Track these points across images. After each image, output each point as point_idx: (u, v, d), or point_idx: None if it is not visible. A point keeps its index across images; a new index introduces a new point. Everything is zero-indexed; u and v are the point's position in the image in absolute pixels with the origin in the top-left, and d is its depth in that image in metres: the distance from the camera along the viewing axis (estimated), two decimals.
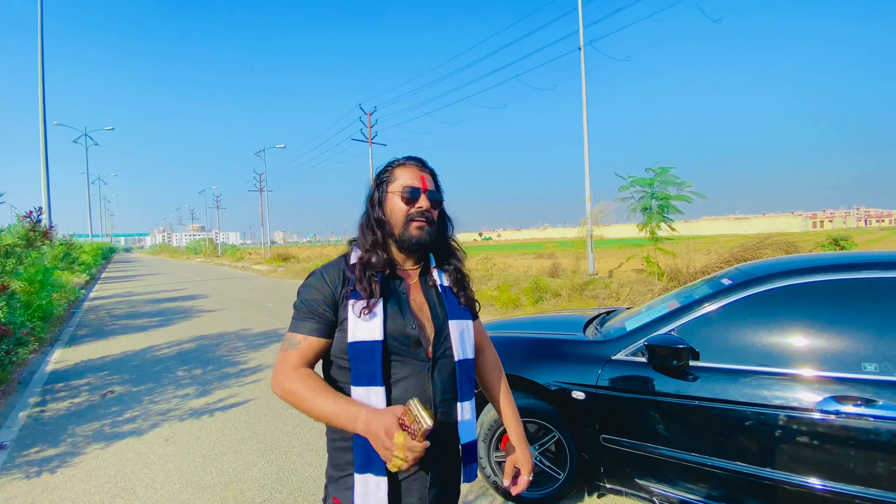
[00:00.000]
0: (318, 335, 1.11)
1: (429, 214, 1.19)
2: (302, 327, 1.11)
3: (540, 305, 8.95)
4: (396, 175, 1.21)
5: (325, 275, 1.15)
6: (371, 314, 1.08)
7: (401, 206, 1.18)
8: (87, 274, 19.03)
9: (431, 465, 1.10)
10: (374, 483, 1.03)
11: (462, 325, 1.20)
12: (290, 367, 1.08)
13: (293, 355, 1.09)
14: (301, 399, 1.04)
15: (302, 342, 1.10)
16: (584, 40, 13.81)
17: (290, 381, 1.06)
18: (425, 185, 1.20)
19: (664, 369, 2.19)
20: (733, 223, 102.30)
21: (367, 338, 1.07)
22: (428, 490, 1.10)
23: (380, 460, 1.00)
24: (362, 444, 1.02)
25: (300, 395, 1.04)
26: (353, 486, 1.05)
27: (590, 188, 13.43)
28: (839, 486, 1.83)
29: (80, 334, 8.13)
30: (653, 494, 2.25)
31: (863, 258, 2.18)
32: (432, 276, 1.24)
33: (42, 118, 12.94)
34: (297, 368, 1.08)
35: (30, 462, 3.32)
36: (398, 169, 1.21)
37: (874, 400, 1.80)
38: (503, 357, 2.81)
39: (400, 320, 1.12)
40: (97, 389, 4.92)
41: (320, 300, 1.12)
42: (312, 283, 1.15)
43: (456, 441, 1.17)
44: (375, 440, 0.95)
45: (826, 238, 12.36)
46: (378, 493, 1.03)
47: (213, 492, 2.86)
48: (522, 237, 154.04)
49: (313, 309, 1.11)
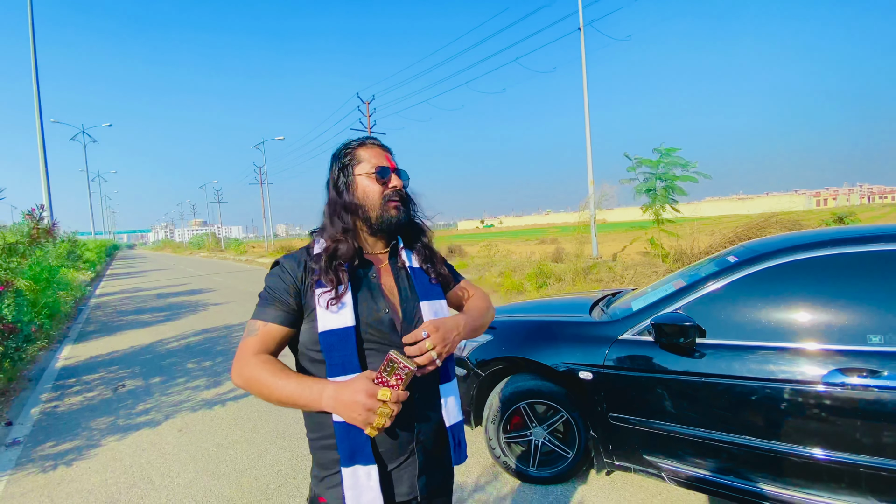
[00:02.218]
0: (278, 322, 1.07)
1: (402, 193, 1.18)
2: (263, 314, 1.08)
3: (544, 290, 8.97)
4: (360, 156, 1.17)
5: (287, 264, 1.12)
6: (340, 304, 1.05)
7: (375, 188, 1.14)
8: (92, 271, 19.13)
9: (419, 451, 1.09)
10: (364, 473, 1.01)
11: (435, 305, 1.17)
12: (249, 354, 1.04)
13: (252, 342, 1.06)
14: (261, 384, 1.00)
15: (262, 328, 1.07)
16: (584, 20, 13.62)
17: (249, 367, 1.02)
18: (392, 163, 1.18)
19: (671, 347, 2.21)
20: (737, 203, 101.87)
21: (339, 325, 1.04)
22: (417, 478, 1.08)
23: (366, 450, 1.00)
24: (346, 437, 1.00)
25: (260, 380, 1.00)
26: (341, 481, 1.02)
27: (592, 171, 13.36)
28: (845, 456, 1.85)
29: (89, 330, 8.21)
30: (661, 470, 2.28)
31: (867, 231, 2.17)
32: (401, 258, 1.21)
33: (38, 116, 12.90)
34: (256, 355, 1.04)
35: (45, 456, 3.38)
36: (360, 150, 1.17)
37: (879, 371, 1.82)
38: (510, 340, 2.85)
39: (372, 305, 1.10)
40: (109, 384, 4.98)
41: (282, 288, 1.09)
42: (275, 272, 1.12)
43: (442, 425, 1.15)
44: (352, 406, 0.93)
45: (830, 215, 12.29)
46: (369, 483, 1.00)
47: (228, 479, 2.91)
48: (524, 223, 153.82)
49: (275, 297, 1.08)
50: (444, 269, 1.28)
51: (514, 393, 2.69)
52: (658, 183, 10.16)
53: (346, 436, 1.00)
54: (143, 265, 30.69)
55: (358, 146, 1.18)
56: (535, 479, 2.66)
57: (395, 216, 1.15)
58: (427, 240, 1.26)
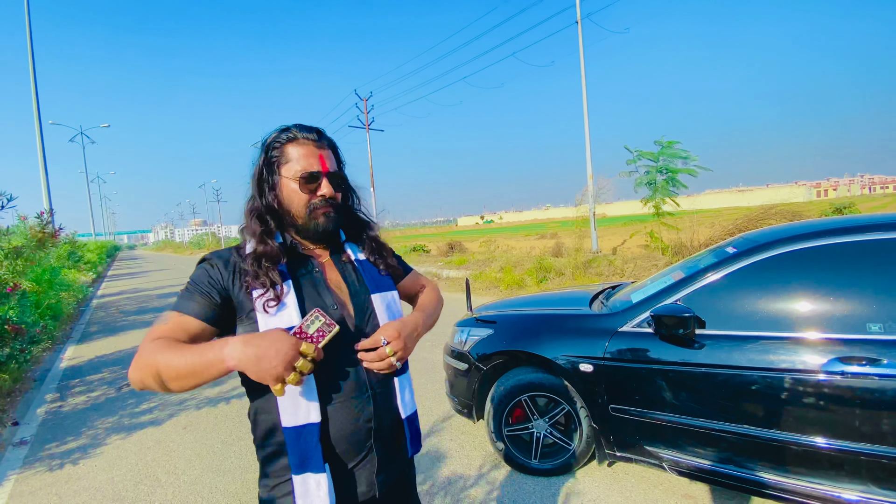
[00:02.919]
0: (195, 315, 0.97)
1: (334, 200, 1.07)
2: (179, 306, 0.98)
3: (544, 285, 8.98)
4: (289, 154, 1.05)
5: (216, 261, 1.03)
6: (281, 304, 0.98)
7: (300, 195, 1.04)
8: (93, 272, 19.17)
9: (377, 449, 1.04)
10: (314, 481, 0.94)
11: (387, 296, 1.12)
12: (146, 341, 0.92)
13: (156, 330, 0.95)
14: (157, 365, 0.88)
15: (174, 318, 0.96)
16: (581, 13, 13.58)
17: (143, 355, 0.90)
18: (325, 165, 1.05)
19: (670, 338, 2.22)
20: (737, 195, 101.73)
21: (284, 325, 0.96)
22: (376, 475, 1.04)
23: (317, 456, 0.95)
24: (297, 443, 0.95)
25: (155, 361, 0.88)
26: (292, 489, 0.96)
27: (591, 165, 13.35)
28: (844, 444, 1.87)
29: (91, 331, 8.24)
30: (662, 460, 2.30)
31: (865, 221, 2.18)
32: (346, 252, 1.15)
33: (37, 119, 12.90)
34: (154, 340, 0.92)
35: (52, 455, 3.41)
36: (290, 147, 1.05)
37: (879, 359, 1.83)
38: (511, 334, 2.87)
39: (318, 302, 1.02)
40: (113, 383, 5.01)
41: (206, 281, 1.00)
42: (202, 267, 1.03)
43: (397, 417, 1.09)
44: (265, 357, 0.85)
45: (830, 207, 12.29)
46: (319, 492, 0.94)
47: (233, 475, 2.94)
48: (524, 219, 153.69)
49: (198, 289, 0.99)
50: (393, 260, 1.22)
51: (515, 386, 2.71)
52: (658, 176, 10.16)
53: (296, 441, 0.95)
54: (144, 265, 30.73)
55: (289, 141, 1.06)
56: (537, 471, 2.68)
57: (324, 224, 1.06)
58: (373, 232, 1.20)
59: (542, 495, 2.52)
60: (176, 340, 0.93)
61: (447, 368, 3.23)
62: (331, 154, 1.09)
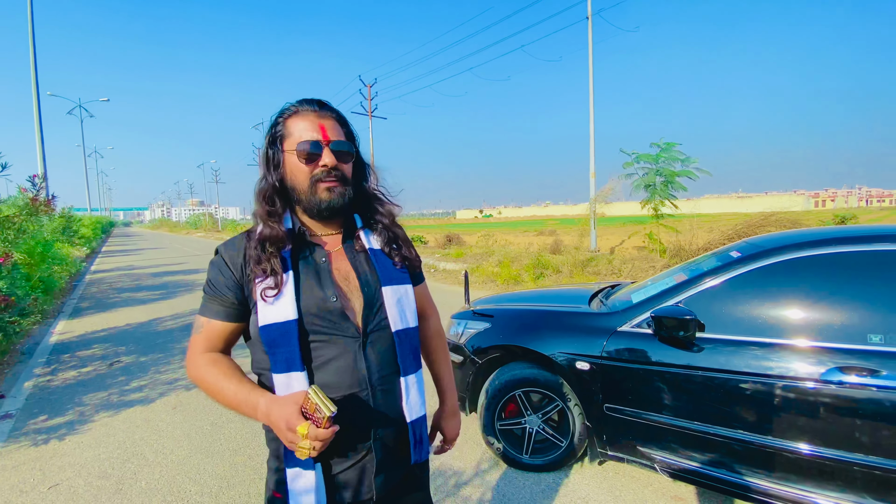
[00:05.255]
0: (220, 319, 1.01)
1: (338, 171, 1.01)
2: (205, 310, 1.03)
3: (541, 281, 8.97)
4: (290, 128, 1.01)
5: (227, 254, 1.03)
6: (278, 294, 0.95)
7: (301, 167, 1.00)
8: (87, 247, 19.04)
9: (377, 449, 1.00)
10: (305, 477, 0.94)
11: (399, 290, 1.06)
12: (196, 353, 1.02)
13: (198, 340, 1.02)
14: (207, 386, 0.98)
15: (205, 325, 1.02)
16: (593, 9, 13.45)
17: (195, 367, 1.01)
18: (327, 135, 1.00)
19: (670, 340, 2.20)
20: (736, 201, 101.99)
21: (279, 318, 0.94)
22: (375, 476, 1.00)
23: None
24: None
25: (206, 381, 0.98)
26: (285, 479, 0.97)
27: (594, 164, 13.30)
28: (839, 454, 1.86)
29: (83, 307, 8.18)
30: (654, 461, 2.29)
31: (872, 231, 2.16)
32: (360, 240, 1.08)
33: (35, 89, 12.71)
34: (202, 354, 1.01)
35: (37, 430, 3.37)
36: (290, 120, 1.02)
37: (878, 370, 1.82)
38: (508, 329, 2.84)
39: (318, 293, 0.99)
40: (103, 359, 4.97)
41: (221, 282, 1.01)
42: (215, 263, 1.04)
43: (402, 420, 1.04)
44: (278, 432, 0.88)
45: (832, 216, 12.31)
46: (307, 487, 0.94)
47: (221, 457, 2.92)
48: (524, 214, 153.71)
49: (215, 292, 1.02)
50: (411, 251, 1.15)
51: (509, 381, 2.69)
52: (657, 178, 10.14)
53: None
54: (139, 243, 30.56)
55: (290, 114, 1.02)
56: (528, 466, 2.67)
57: (327, 199, 1.00)
58: (388, 219, 1.12)
59: (531, 491, 2.51)
60: (220, 354, 1.04)
61: None
62: (336, 125, 1.04)
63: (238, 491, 2.56)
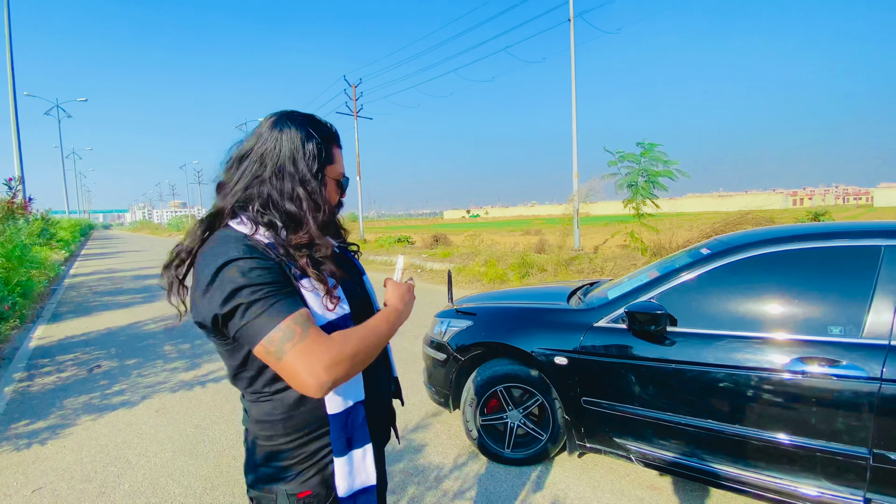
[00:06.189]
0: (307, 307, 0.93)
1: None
2: (296, 303, 0.88)
3: (526, 280, 9.08)
4: (335, 156, 1.06)
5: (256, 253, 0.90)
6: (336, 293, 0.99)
7: (335, 196, 1.08)
8: (66, 251, 18.64)
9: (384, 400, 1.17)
10: (360, 455, 0.99)
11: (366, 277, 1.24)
12: (328, 340, 0.86)
13: (318, 330, 0.87)
14: (367, 346, 0.92)
15: (309, 315, 0.89)
16: (574, 12, 13.62)
17: (343, 345, 0.87)
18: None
19: (643, 334, 2.29)
20: (717, 200, 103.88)
21: (341, 313, 0.97)
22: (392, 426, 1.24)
23: (364, 430, 0.99)
24: (344, 426, 0.97)
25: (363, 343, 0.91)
26: (332, 470, 0.97)
27: (577, 164, 13.47)
28: (803, 441, 1.95)
29: (63, 311, 8.03)
30: (630, 452, 2.37)
31: (832, 228, 2.27)
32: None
33: (12, 91, 12.42)
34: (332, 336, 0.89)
35: (18, 435, 3.34)
36: (335, 148, 1.07)
37: (838, 360, 1.91)
38: (490, 326, 2.90)
39: (350, 286, 1.08)
40: (84, 364, 4.91)
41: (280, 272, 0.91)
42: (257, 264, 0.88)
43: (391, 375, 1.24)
44: (410, 297, 1.13)
45: (806, 214, 12.65)
46: (364, 462, 0.99)
47: (206, 459, 2.93)
48: (510, 214, 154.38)
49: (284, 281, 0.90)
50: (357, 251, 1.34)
51: (491, 377, 2.75)
52: (640, 178, 10.32)
53: (344, 425, 0.96)
54: (119, 245, 29.96)
55: (335, 144, 1.06)
56: (510, 460, 2.74)
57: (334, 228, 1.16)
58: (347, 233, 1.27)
59: (513, 484, 2.58)
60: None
61: (426, 358, 3.25)
62: None
63: (222, 492, 2.58)
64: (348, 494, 0.98)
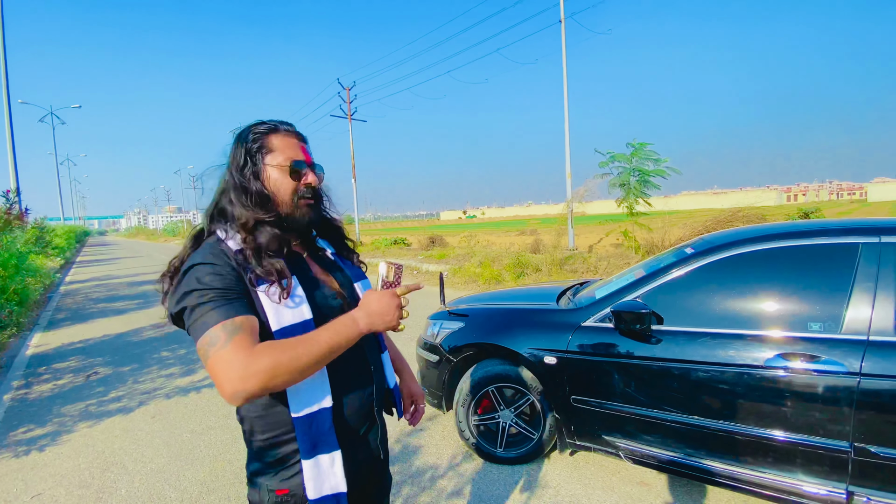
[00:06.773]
0: (251, 313, 0.93)
1: (317, 191, 1.11)
2: (230, 310, 0.89)
3: (521, 280, 9.12)
4: (273, 144, 1.06)
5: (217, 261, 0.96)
6: (292, 296, 0.99)
7: (288, 183, 1.05)
8: (61, 258, 18.58)
9: (377, 414, 1.16)
10: (328, 460, 0.99)
11: (365, 284, 1.20)
12: (248, 349, 0.86)
13: (243, 339, 0.86)
14: (290, 359, 0.87)
15: (244, 322, 0.89)
16: (565, 13, 13.69)
17: (259, 357, 0.85)
18: (308, 157, 1.10)
19: (629, 333, 2.33)
20: (711, 197, 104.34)
21: (297, 320, 0.97)
22: (380, 441, 1.17)
23: (330, 438, 1.00)
24: (308, 430, 0.98)
25: (286, 356, 0.87)
26: (300, 470, 0.99)
27: (570, 164, 13.54)
28: (786, 435, 2.00)
29: (59, 318, 8.03)
30: (618, 449, 2.42)
31: (812, 226, 2.32)
32: (321, 248, 1.20)
33: (6, 100, 12.40)
34: (256, 345, 0.88)
35: (18, 442, 3.36)
36: (273, 137, 1.07)
37: (818, 356, 1.96)
38: (481, 327, 2.95)
39: (322, 293, 1.08)
40: (81, 371, 4.93)
41: (234, 278, 0.94)
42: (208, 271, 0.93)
43: (386, 388, 1.23)
44: (387, 311, 1.02)
45: (797, 210, 12.74)
46: (332, 468, 0.99)
47: (201, 464, 2.96)
48: (506, 215, 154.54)
49: (233, 287, 0.93)
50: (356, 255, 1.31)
51: (483, 377, 2.79)
52: (631, 177, 10.40)
53: (307, 429, 0.98)
54: (115, 252, 29.88)
55: (272, 132, 1.07)
56: (503, 459, 2.78)
57: (307, 215, 1.08)
58: (342, 230, 1.27)
59: (506, 483, 2.62)
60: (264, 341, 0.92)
61: (419, 360, 3.29)
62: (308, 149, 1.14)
63: (218, 495, 2.61)
64: (317, 499, 0.99)
